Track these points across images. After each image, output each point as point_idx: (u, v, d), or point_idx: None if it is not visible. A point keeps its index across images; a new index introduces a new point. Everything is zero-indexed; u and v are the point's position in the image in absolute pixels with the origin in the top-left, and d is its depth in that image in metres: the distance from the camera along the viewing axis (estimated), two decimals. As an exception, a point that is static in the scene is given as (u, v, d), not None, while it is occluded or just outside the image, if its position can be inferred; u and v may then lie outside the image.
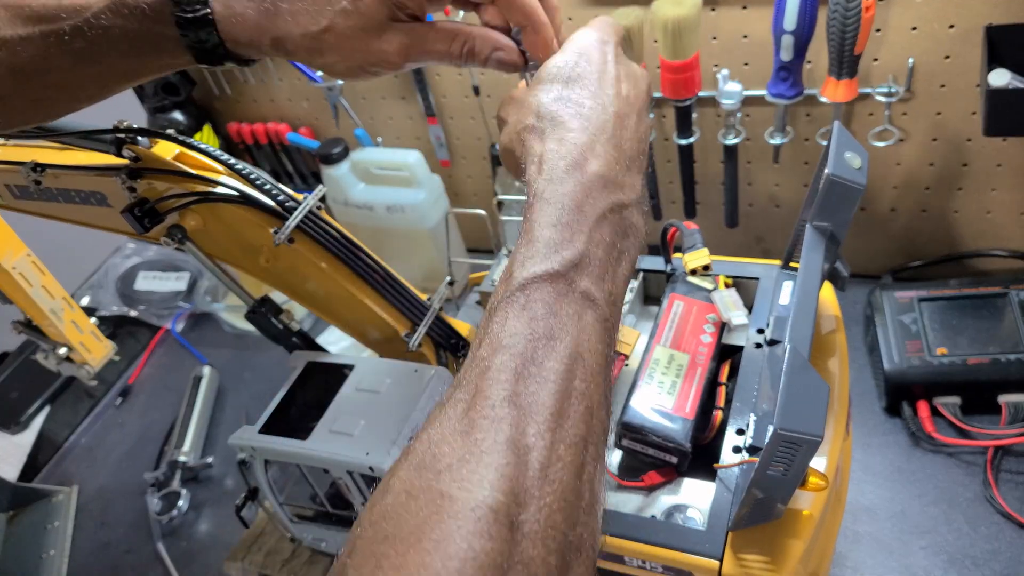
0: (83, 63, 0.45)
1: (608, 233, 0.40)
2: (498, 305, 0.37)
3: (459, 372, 0.36)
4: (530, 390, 0.34)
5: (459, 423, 0.33)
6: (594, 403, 0.36)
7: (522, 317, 0.36)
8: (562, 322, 0.36)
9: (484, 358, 0.35)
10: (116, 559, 0.96)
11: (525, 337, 0.35)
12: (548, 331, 0.36)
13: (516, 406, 0.33)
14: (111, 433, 1.14)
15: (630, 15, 0.81)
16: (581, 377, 0.35)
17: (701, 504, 0.55)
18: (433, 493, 0.31)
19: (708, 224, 1.04)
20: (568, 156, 0.41)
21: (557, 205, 0.39)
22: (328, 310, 0.70)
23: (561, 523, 0.32)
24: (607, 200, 0.40)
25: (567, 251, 0.38)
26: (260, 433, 0.64)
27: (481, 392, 0.34)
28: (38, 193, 0.69)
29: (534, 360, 0.35)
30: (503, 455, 0.32)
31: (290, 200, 0.62)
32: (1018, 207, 0.89)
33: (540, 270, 0.37)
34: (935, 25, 0.79)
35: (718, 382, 0.62)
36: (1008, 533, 0.73)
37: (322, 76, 1.11)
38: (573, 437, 0.34)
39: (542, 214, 0.39)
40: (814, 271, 0.51)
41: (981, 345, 0.80)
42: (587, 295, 0.37)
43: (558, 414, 0.34)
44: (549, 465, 0.32)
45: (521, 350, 0.35)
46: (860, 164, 0.52)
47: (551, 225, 0.38)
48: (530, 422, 0.33)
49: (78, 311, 0.86)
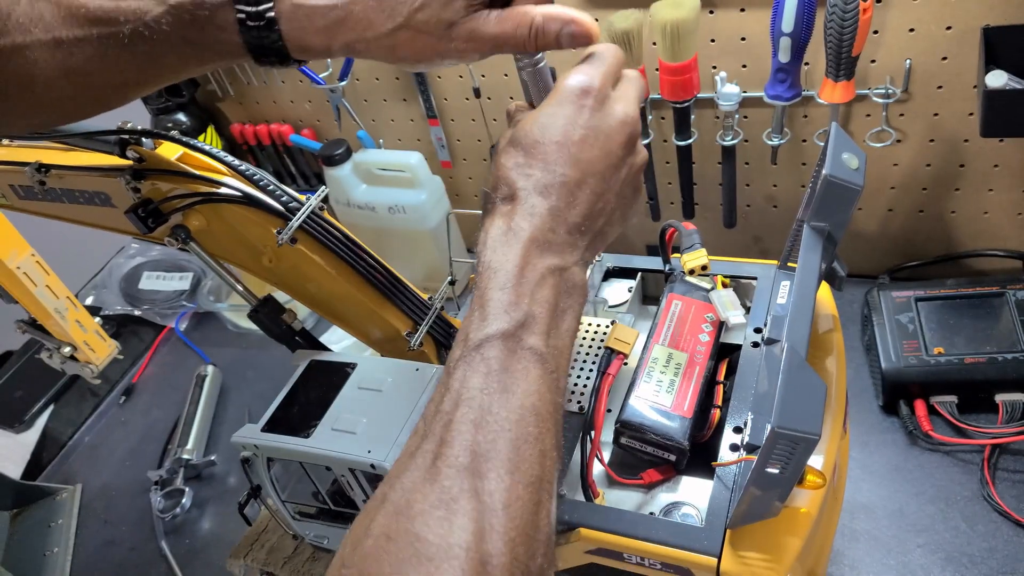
0: (141, 65, 0.45)
1: (550, 294, 0.43)
2: (457, 363, 0.41)
3: (421, 423, 0.40)
4: (488, 439, 0.38)
5: (428, 472, 0.37)
6: (547, 446, 0.39)
7: (479, 372, 0.40)
8: (513, 376, 0.40)
9: (447, 411, 0.39)
10: (119, 557, 0.96)
11: (481, 391, 0.39)
12: (502, 385, 0.39)
13: (477, 455, 0.37)
14: (115, 431, 1.14)
15: (629, 17, 0.81)
16: (534, 424, 0.39)
17: (699, 502, 0.56)
18: (410, 536, 0.34)
19: (706, 224, 1.05)
20: (512, 228, 0.43)
21: (502, 271, 0.42)
22: (330, 310, 0.70)
23: (523, 555, 0.36)
24: (544, 265, 0.43)
25: (515, 312, 0.41)
26: (263, 431, 0.64)
27: (446, 443, 0.38)
28: (43, 193, 0.69)
29: (491, 411, 0.39)
30: (469, 500, 0.35)
31: (293, 201, 0.62)
32: (1015, 207, 0.90)
33: (492, 330, 0.41)
34: (932, 26, 0.79)
35: (716, 381, 0.62)
36: (1005, 531, 0.73)
37: (324, 78, 1.12)
38: (530, 478, 0.38)
39: (491, 281, 0.42)
40: (812, 271, 0.52)
41: (978, 344, 0.81)
42: (534, 350, 0.41)
43: (515, 459, 0.38)
44: (510, 505, 0.36)
45: (479, 403, 0.39)
46: (858, 165, 0.52)
47: (499, 289, 0.42)
48: (491, 468, 0.37)
49: (82, 310, 0.87)
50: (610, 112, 0.46)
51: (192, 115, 1.26)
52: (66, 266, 0.89)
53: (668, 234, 0.67)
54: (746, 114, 0.93)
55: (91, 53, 0.44)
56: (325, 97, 1.15)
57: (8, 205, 0.74)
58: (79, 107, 0.48)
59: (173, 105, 1.24)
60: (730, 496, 0.52)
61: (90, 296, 1.35)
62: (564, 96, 0.46)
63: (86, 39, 0.44)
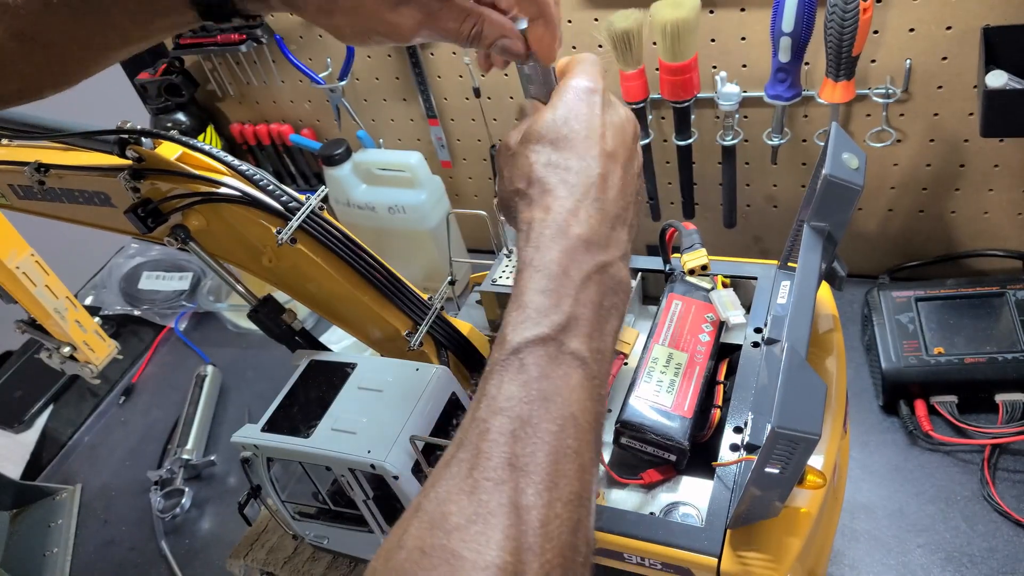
0: (87, 23, 0.44)
1: (594, 293, 0.42)
2: (494, 368, 0.39)
3: (459, 431, 0.39)
4: (527, 451, 0.36)
5: (464, 483, 0.36)
6: (586, 460, 0.38)
7: (517, 380, 0.38)
8: (554, 384, 0.38)
9: (483, 419, 0.38)
10: (119, 557, 0.96)
11: (520, 400, 0.38)
12: (541, 393, 0.38)
13: (515, 468, 0.36)
14: (114, 431, 1.14)
15: (629, 17, 0.81)
16: (573, 436, 0.38)
17: (699, 502, 0.56)
18: (445, 552, 0.33)
19: (706, 224, 1.05)
20: (553, 224, 0.42)
21: (544, 272, 0.41)
22: (330, 309, 0.70)
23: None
24: (591, 262, 0.42)
25: (555, 315, 0.40)
26: (263, 431, 0.65)
27: (482, 453, 0.36)
28: (42, 193, 0.69)
29: (529, 422, 0.37)
30: (507, 516, 0.34)
31: (293, 201, 0.62)
32: (1015, 207, 0.90)
33: (531, 335, 0.39)
34: (932, 26, 0.79)
35: (716, 381, 0.62)
36: (1005, 531, 0.73)
37: (324, 78, 1.12)
38: (568, 495, 0.36)
39: (531, 281, 0.41)
40: (812, 271, 0.52)
41: (978, 344, 0.81)
42: (576, 355, 0.40)
43: (554, 474, 0.36)
44: (548, 523, 0.35)
45: (517, 412, 0.37)
46: (858, 165, 0.52)
47: (539, 292, 0.40)
48: (529, 483, 0.35)
49: (81, 310, 0.87)
50: (617, 110, 0.48)
51: (192, 115, 1.26)
52: (66, 266, 0.89)
53: (668, 234, 0.67)
54: (746, 114, 0.93)
55: (37, 11, 0.43)
56: (325, 97, 1.15)
57: (8, 205, 0.74)
58: (36, 74, 0.47)
59: (173, 105, 1.24)
60: (730, 496, 0.52)
61: (90, 296, 1.35)
62: (575, 95, 0.46)
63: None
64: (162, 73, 1.21)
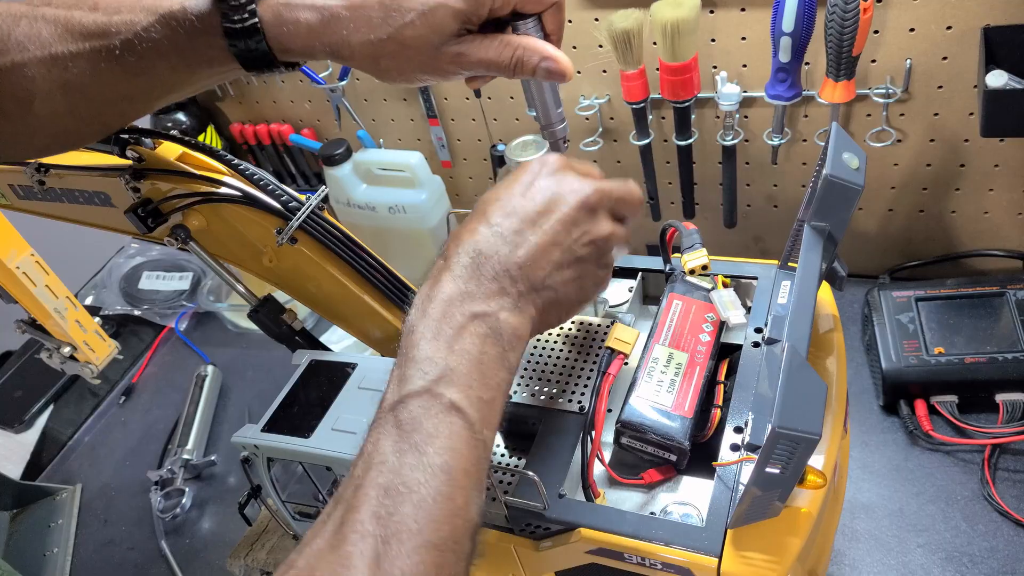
0: (133, 77, 0.46)
1: (472, 343, 0.43)
2: (372, 426, 0.42)
3: (337, 490, 0.41)
4: (395, 502, 0.38)
5: (333, 538, 0.38)
6: (458, 504, 0.40)
7: (390, 435, 0.41)
8: (426, 435, 0.40)
9: (358, 476, 0.40)
10: (119, 557, 0.96)
11: (392, 452, 0.40)
12: (412, 444, 0.40)
13: (380, 519, 0.38)
14: (114, 431, 1.14)
15: (629, 17, 0.81)
16: (445, 482, 0.39)
17: (700, 502, 0.56)
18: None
19: (707, 224, 1.05)
20: (432, 285, 0.45)
21: (419, 329, 0.44)
22: (330, 309, 0.70)
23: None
24: (466, 312, 0.44)
25: (430, 368, 0.42)
26: (263, 431, 0.64)
27: (353, 508, 0.38)
28: (42, 193, 0.69)
29: (400, 473, 0.39)
30: (367, 567, 0.36)
31: (293, 200, 0.62)
32: (1015, 207, 0.90)
33: (407, 390, 0.42)
34: (933, 26, 0.79)
35: (717, 380, 0.62)
36: (1005, 531, 0.73)
37: (324, 78, 1.12)
38: (436, 539, 0.38)
39: (408, 341, 0.44)
40: (812, 271, 0.51)
41: (978, 344, 0.81)
42: (452, 405, 0.41)
43: (420, 520, 0.38)
44: (407, 571, 0.37)
45: (389, 466, 0.39)
46: (858, 165, 0.52)
47: (414, 347, 0.43)
48: (392, 532, 0.37)
49: (82, 310, 0.87)
50: (563, 178, 0.49)
51: (192, 115, 1.26)
52: (66, 266, 0.89)
53: (668, 234, 0.67)
54: (746, 114, 0.93)
55: (84, 67, 0.45)
56: (325, 97, 1.15)
57: (8, 205, 0.74)
58: (77, 126, 0.49)
59: (173, 105, 1.24)
60: (731, 496, 0.52)
61: (90, 296, 1.35)
62: (523, 167, 0.50)
63: (80, 53, 0.45)
64: (162, 73, 1.21)
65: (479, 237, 0.46)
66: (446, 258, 0.46)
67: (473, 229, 0.47)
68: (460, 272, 0.45)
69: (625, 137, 0.99)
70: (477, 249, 0.46)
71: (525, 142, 0.99)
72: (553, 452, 0.58)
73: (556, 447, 0.58)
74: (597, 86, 0.98)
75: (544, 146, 0.96)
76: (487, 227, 0.47)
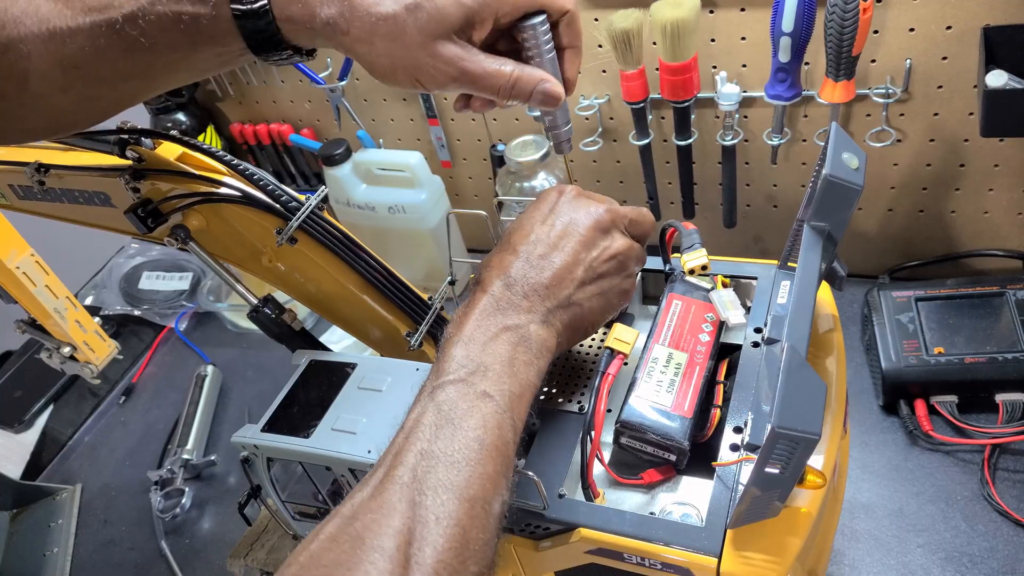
0: (133, 53, 0.44)
1: (504, 348, 0.49)
2: (415, 403, 0.47)
3: (380, 457, 0.45)
4: (431, 462, 0.43)
5: (375, 488, 0.43)
6: (488, 470, 0.44)
7: (429, 411, 0.45)
8: (461, 412, 0.45)
9: (399, 443, 0.45)
10: (119, 557, 0.96)
11: (431, 425, 0.45)
12: (449, 419, 0.45)
13: (419, 473, 0.42)
14: (114, 431, 1.15)
15: (629, 17, 0.81)
16: (476, 450, 0.44)
17: (699, 502, 0.56)
18: (351, 538, 0.40)
19: (706, 224, 1.05)
20: (469, 303, 0.51)
21: (457, 335, 0.49)
22: (330, 309, 0.70)
23: (453, 560, 0.40)
24: (499, 324, 0.50)
25: (467, 364, 0.47)
26: (263, 431, 0.64)
27: (394, 466, 0.43)
28: (42, 194, 0.69)
29: (437, 439, 0.44)
30: (406, 509, 0.41)
31: (293, 200, 0.62)
32: (1015, 207, 0.90)
33: (444, 380, 0.47)
34: (932, 26, 0.79)
35: (716, 380, 0.62)
36: (1005, 531, 0.73)
37: (324, 78, 1.12)
38: (466, 494, 0.42)
39: (445, 344, 0.49)
40: (812, 271, 0.51)
41: (978, 344, 0.81)
42: (485, 393, 0.46)
43: (453, 477, 0.43)
44: (441, 517, 0.41)
45: (428, 434, 0.44)
46: (858, 165, 0.52)
47: (451, 348, 0.49)
48: (429, 485, 0.42)
49: (82, 310, 0.87)
50: (578, 204, 0.55)
51: (192, 115, 1.26)
52: (66, 266, 0.89)
53: (668, 234, 0.67)
54: (746, 114, 0.93)
55: (83, 42, 0.44)
56: (325, 97, 1.15)
57: (8, 205, 0.74)
58: (71, 108, 0.47)
59: (173, 105, 1.24)
60: (730, 496, 0.52)
61: (90, 296, 1.35)
62: (542, 197, 0.56)
63: (79, 28, 0.43)
64: (162, 73, 1.21)
65: (507, 264, 0.52)
66: (479, 283, 0.52)
67: (502, 258, 0.53)
68: (493, 293, 0.51)
69: (625, 137, 0.99)
70: (507, 274, 0.51)
71: (525, 142, 0.99)
72: (553, 452, 0.58)
73: (556, 447, 0.58)
74: (597, 86, 0.98)
75: (544, 146, 0.97)
76: (514, 255, 0.52)
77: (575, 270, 0.53)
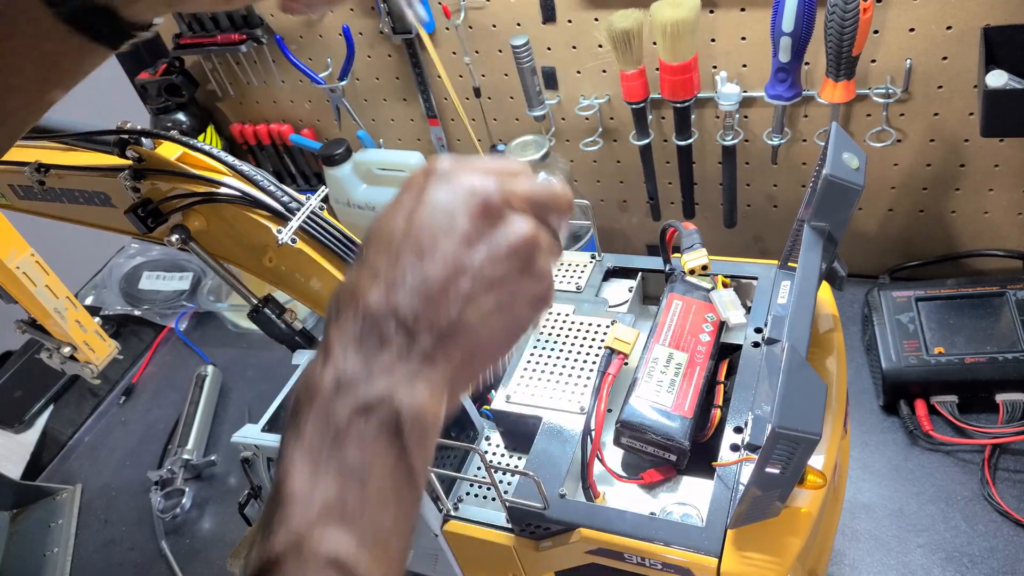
0: None
1: (355, 456, 0.35)
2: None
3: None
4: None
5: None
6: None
7: None
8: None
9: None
10: (119, 557, 0.96)
11: None
12: None
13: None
14: (114, 431, 1.14)
15: (629, 17, 0.81)
16: None
17: (700, 502, 0.56)
18: None
19: (707, 224, 1.05)
20: (309, 366, 0.38)
21: (297, 443, 0.36)
22: (330, 310, 0.70)
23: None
24: (348, 406, 0.35)
25: (301, 512, 0.34)
26: (263, 431, 0.65)
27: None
28: (42, 193, 0.69)
29: None
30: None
31: (293, 200, 0.62)
32: (1015, 207, 0.90)
33: (275, 548, 0.34)
34: (933, 26, 0.79)
35: (717, 381, 0.62)
36: (1005, 531, 0.73)
37: (324, 78, 1.12)
38: None
39: (285, 459, 0.36)
40: (812, 271, 0.52)
41: (978, 344, 0.81)
42: (332, 561, 0.33)
43: None
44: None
45: None
46: (858, 165, 0.52)
47: (292, 469, 0.35)
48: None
49: (82, 310, 0.87)
50: (454, 184, 0.38)
51: (192, 115, 1.26)
52: (66, 266, 0.89)
53: (668, 234, 0.67)
54: (746, 114, 0.93)
55: None
56: (325, 97, 1.15)
57: (8, 205, 0.74)
58: None
59: (173, 105, 1.24)
60: (731, 496, 0.52)
61: (90, 296, 1.35)
62: (406, 183, 0.40)
63: None
64: (162, 73, 1.21)
65: (361, 291, 0.36)
66: (326, 333, 0.37)
67: (356, 282, 0.37)
68: (342, 348, 0.36)
69: (625, 137, 0.99)
70: (361, 309, 0.36)
71: (525, 142, 0.99)
72: (553, 452, 0.58)
73: (556, 447, 0.58)
74: (597, 86, 0.98)
75: (544, 146, 0.97)
76: (371, 277, 0.36)
77: (458, 281, 0.36)
